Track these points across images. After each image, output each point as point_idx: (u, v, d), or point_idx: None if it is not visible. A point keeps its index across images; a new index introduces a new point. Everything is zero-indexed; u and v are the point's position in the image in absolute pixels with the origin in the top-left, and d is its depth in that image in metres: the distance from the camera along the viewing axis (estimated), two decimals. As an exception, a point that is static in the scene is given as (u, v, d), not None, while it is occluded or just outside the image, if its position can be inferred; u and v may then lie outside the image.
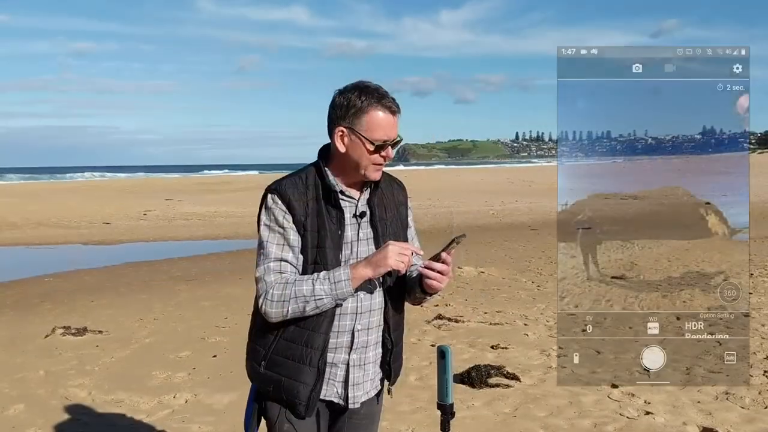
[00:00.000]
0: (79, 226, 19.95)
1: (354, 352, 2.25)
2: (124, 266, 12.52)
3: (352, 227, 2.22)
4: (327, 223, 2.16)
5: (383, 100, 2.13)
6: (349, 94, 2.15)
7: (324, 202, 2.18)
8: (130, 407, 5.06)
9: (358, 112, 2.12)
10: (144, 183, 49.25)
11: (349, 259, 2.19)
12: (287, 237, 2.15)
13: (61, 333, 7.12)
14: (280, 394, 2.22)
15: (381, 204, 2.30)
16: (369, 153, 2.14)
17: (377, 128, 2.13)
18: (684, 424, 4.30)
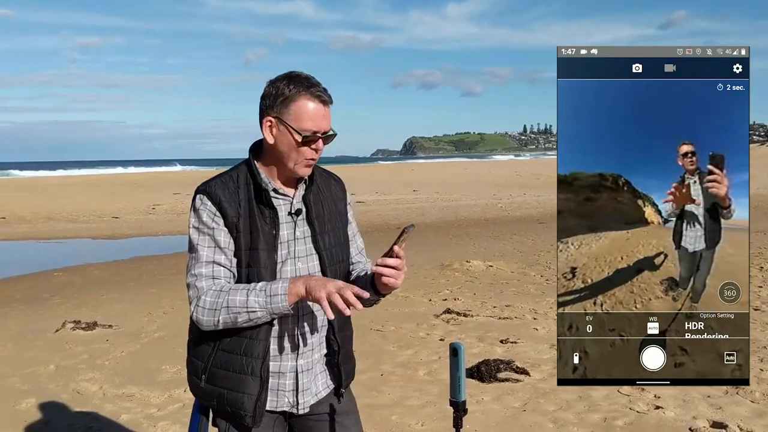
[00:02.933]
0: (88, 220, 20.04)
1: (301, 357, 2.16)
2: (133, 260, 12.58)
3: (287, 226, 2.12)
4: (260, 224, 2.06)
5: (312, 89, 2.03)
6: (278, 83, 2.05)
7: (256, 202, 2.07)
8: (140, 401, 5.09)
9: (286, 101, 2.02)
10: (152, 177, 49.43)
11: (286, 259, 2.10)
12: (217, 239, 2.05)
13: (71, 327, 7.17)
14: (225, 408, 2.11)
15: (317, 200, 2.19)
16: (297, 144, 2.03)
17: (306, 118, 2.02)
18: (694, 419, 4.30)
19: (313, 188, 2.19)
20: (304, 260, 2.14)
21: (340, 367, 2.25)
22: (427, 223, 17.18)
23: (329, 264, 2.16)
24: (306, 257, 2.14)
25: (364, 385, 5.24)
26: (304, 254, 2.14)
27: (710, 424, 4.22)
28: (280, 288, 1.96)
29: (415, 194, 27.83)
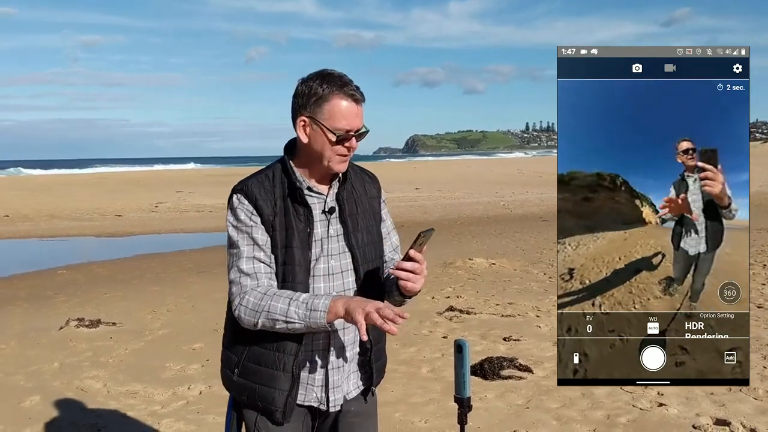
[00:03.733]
0: (91, 218, 20.07)
1: (331, 354, 2.17)
2: (136, 258, 12.60)
3: (321, 224, 2.13)
4: (294, 222, 2.08)
5: (345, 88, 2.04)
6: (311, 82, 2.05)
7: (291, 200, 2.09)
8: (144, 398, 5.10)
9: (320, 101, 2.03)
10: (155, 175, 49.47)
11: (319, 257, 2.11)
12: (255, 237, 2.07)
13: (75, 325, 7.18)
14: (256, 402, 2.15)
15: (351, 198, 2.20)
16: (331, 144, 2.05)
17: (339, 117, 2.03)
18: (697, 416, 4.30)
19: (347, 186, 2.19)
20: (337, 258, 2.14)
21: (372, 365, 2.27)
22: (430, 221, 17.18)
23: (362, 262, 2.17)
24: (339, 255, 2.15)
25: (368, 382, 5.25)
26: (337, 252, 2.14)
27: (713, 422, 4.23)
28: (321, 304, 1.97)
29: (418, 192, 27.82)
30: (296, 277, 2.07)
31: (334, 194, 2.17)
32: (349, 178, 2.20)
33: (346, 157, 2.10)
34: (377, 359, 2.29)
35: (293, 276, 2.07)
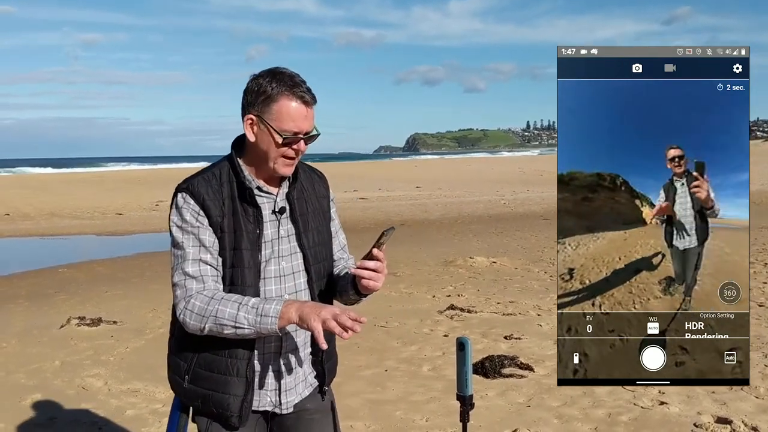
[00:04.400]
0: (92, 216, 20.08)
1: (283, 357, 2.12)
2: (137, 257, 12.61)
3: (272, 224, 2.08)
4: (243, 223, 2.02)
5: (295, 89, 1.97)
6: (261, 79, 1.99)
7: (240, 200, 2.03)
8: (145, 396, 5.10)
9: (268, 100, 1.97)
10: (155, 174, 49.49)
11: (270, 258, 2.06)
12: (202, 238, 2.00)
13: (76, 323, 7.19)
14: (210, 408, 2.09)
15: (301, 198, 2.16)
16: (277, 145, 1.99)
17: (287, 119, 1.97)
18: (698, 414, 4.30)
19: (297, 186, 2.15)
20: (288, 259, 2.10)
21: (324, 366, 2.22)
22: (431, 220, 17.18)
23: (313, 262, 2.14)
24: (290, 255, 2.11)
25: (368, 380, 5.25)
26: (288, 253, 2.10)
27: (715, 420, 4.22)
28: (272, 310, 1.91)
29: (418, 191, 27.83)
30: (245, 280, 2.02)
31: (284, 194, 2.12)
32: (298, 178, 2.15)
33: (292, 160, 2.05)
34: (328, 359, 2.25)
35: (242, 279, 2.02)
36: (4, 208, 21.76)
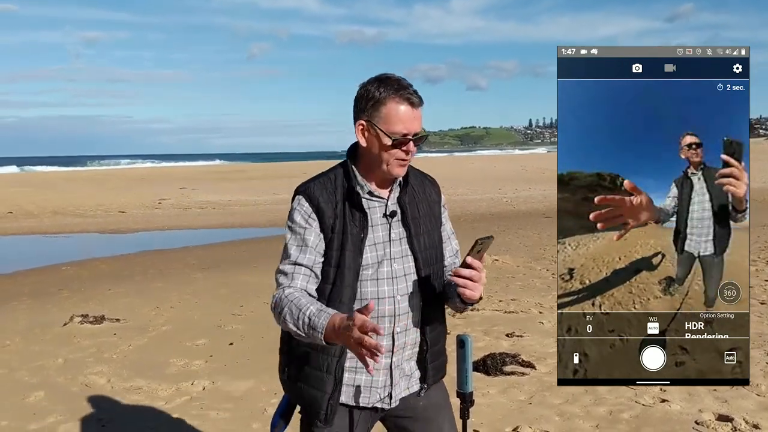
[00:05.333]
0: (95, 214, 20.12)
1: (395, 355, 2.18)
2: (140, 255, 12.62)
3: (383, 227, 2.15)
4: (350, 226, 2.10)
5: (402, 91, 2.05)
6: (369, 86, 2.08)
7: (348, 204, 2.12)
8: (148, 394, 5.12)
9: (376, 104, 2.05)
10: (158, 172, 49.53)
11: (383, 260, 2.13)
12: (307, 239, 2.11)
13: (79, 321, 7.21)
14: (302, 402, 2.20)
15: (413, 202, 2.22)
16: (388, 148, 2.07)
17: (396, 121, 2.04)
18: (700, 412, 4.30)
19: (408, 190, 2.20)
20: (400, 261, 2.16)
21: (427, 365, 2.24)
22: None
23: (424, 266, 2.18)
24: (402, 258, 2.16)
25: (371, 378, 5.27)
26: (400, 255, 2.15)
27: (716, 417, 4.23)
28: (319, 325, 1.94)
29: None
30: (345, 280, 2.09)
31: (396, 197, 2.18)
32: (409, 182, 2.21)
33: (404, 161, 2.11)
34: (433, 359, 2.26)
35: (342, 279, 2.09)
36: (8, 206, 21.81)
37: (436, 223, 2.28)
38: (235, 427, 4.47)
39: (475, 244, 1.94)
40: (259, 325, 7.01)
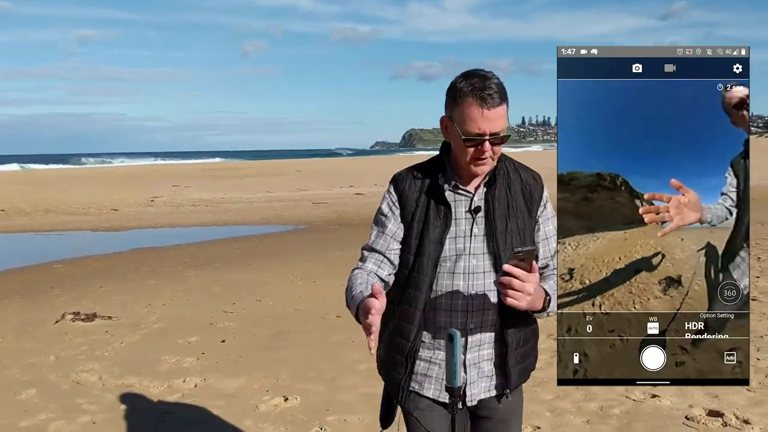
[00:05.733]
0: (87, 212, 20.05)
1: (470, 352, 2.17)
2: (132, 252, 12.59)
3: (466, 222, 2.13)
4: (433, 217, 2.12)
5: (478, 91, 1.99)
6: (456, 80, 2.06)
7: (434, 196, 2.14)
8: (140, 391, 5.11)
9: (454, 102, 2.03)
10: (151, 170, 49.41)
11: (462, 254, 2.12)
12: (387, 226, 2.17)
13: (70, 319, 7.19)
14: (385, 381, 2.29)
15: (502, 198, 2.16)
16: (463, 147, 2.04)
17: (467, 120, 2.01)
18: (690, 407, 4.32)
19: (499, 186, 2.16)
20: (480, 258, 2.14)
21: (508, 368, 2.22)
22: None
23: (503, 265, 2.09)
24: (482, 255, 2.14)
25: (364, 375, 5.27)
26: (480, 252, 2.13)
27: (706, 413, 4.25)
28: (353, 308, 2.02)
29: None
30: (423, 269, 2.11)
31: (483, 193, 2.15)
32: (503, 178, 2.18)
33: (481, 161, 2.07)
34: (517, 363, 2.25)
35: (421, 267, 2.12)
36: (0, 204, 21.73)
37: (528, 223, 2.21)
38: (227, 425, 4.47)
39: (513, 254, 1.92)
40: (251, 323, 7.00)
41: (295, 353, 5.97)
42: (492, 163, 2.11)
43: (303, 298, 8.17)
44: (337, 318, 7.12)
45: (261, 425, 4.42)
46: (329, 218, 17.56)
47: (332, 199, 22.40)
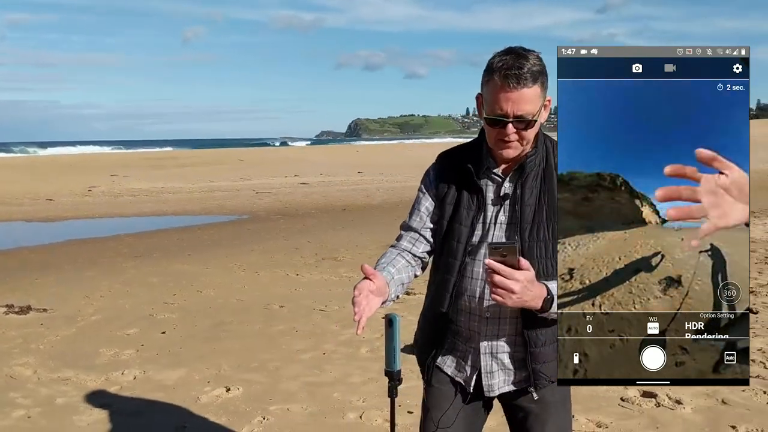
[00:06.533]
0: (21, 203, 19.38)
1: (484, 339, 2.12)
2: (69, 243, 12.24)
3: (494, 208, 2.07)
4: (465, 200, 2.07)
5: (504, 69, 1.89)
6: (493, 56, 1.96)
7: (467, 178, 2.08)
8: (77, 384, 4.98)
9: (486, 79, 1.95)
10: (88, 159, 48.00)
11: (481, 241, 2.06)
12: (422, 204, 2.19)
13: (3, 311, 6.97)
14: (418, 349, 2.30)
15: (533, 187, 2.05)
16: (487, 126, 1.99)
17: (491, 100, 1.93)
18: (625, 389, 4.46)
19: (532, 174, 2.05)
20: None
21: (531, 365, 2.13)
22: (372, 205, 17.19)
23: (529, 258, 1.99)
24: None
25: (307, 364, 5.26)
26: (499, 241, 2.05)
27: (641, 394, 4.39)
28: None
29: (360, 176, 27.80)
30: (453, 252, 2.09)
31: (516, 179, 2.06)
32: (536, 167, 2.06)
33: (507, 143, 1.98)
34: (538, 361, 2.13)
35: (451, 251, 2.10)
36: (-74, 194, 20.81)
37: None
38: (167, 416, 4.40)
39: (491, 249, 1.86)
40: (192, 314, 6.90)
41: (237, 344, 5.91)
42: (520, 147, 2.01)
43: (245, 289, 8.09)
44: (280, 308, 7.08)
45: (203, 416, 4.37)
46: (273, 208, 17.40)
47: (276, 189, 22.21)
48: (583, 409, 4.21)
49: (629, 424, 4.03)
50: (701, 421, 4.03)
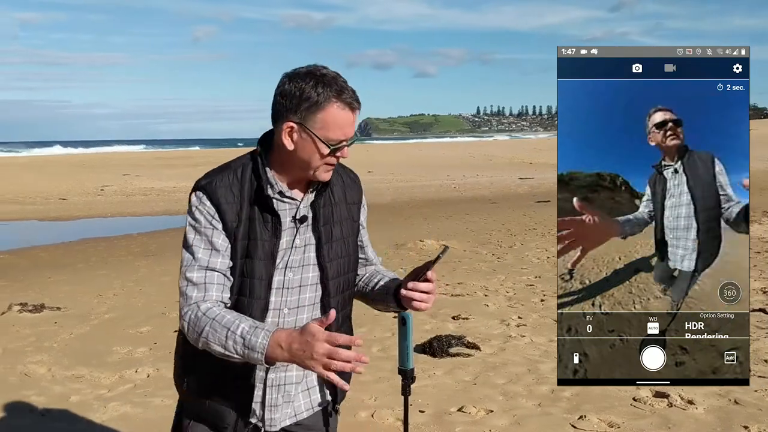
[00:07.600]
0: (34, 202, 19.51)
1: (272, 371, 1.95)
2: (81, 242, 12.31)
3: (289, 232, 1.91)
4: (259, 231, 1.86)
5: (343, 95, 1.81)
6: (302, 83, 1.80)
7: (258, 206, 1.87)
8: (90, 382, 5.02)
9: (313, 108, 1.80)
10: (100, 158, 48.25)
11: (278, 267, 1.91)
12: (214, 242, 1.85)
13: (17, 310, 7.02)
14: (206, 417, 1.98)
15: (328, 205, 1.98)
16: (322, 156, 1.84)
17: (335, 128, 1.81)
18: (637, 389, 4.44)
19: (326, 192, 1.97)
20: (298, 271, 1.94)
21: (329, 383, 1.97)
22: (382, 204, 17.18)
23: (333, 276, 1.98)
24: (301, 267, 1.94)
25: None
26: (299, 264, 1.94)
27: (653, 394, 4.37)
28: (258, 344, 1.72)
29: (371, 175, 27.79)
30: (254, 292, 1.88)
31: (309, 201, 1.95)
32: (330, 183, 1.97)
33: (333, 166, 1.91)
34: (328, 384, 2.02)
35: (251, 290, 1.88)
36: (-59, 194, 20.99)
37: (352, 229, 2.07)
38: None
39: (437, 258, 1.87)
40: (205, 312, 6.93)
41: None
42: None
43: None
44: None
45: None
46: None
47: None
48: (594, 409, 4.20)
49: (641, 424, 4.02)
50: (713, 421, 4.02)
